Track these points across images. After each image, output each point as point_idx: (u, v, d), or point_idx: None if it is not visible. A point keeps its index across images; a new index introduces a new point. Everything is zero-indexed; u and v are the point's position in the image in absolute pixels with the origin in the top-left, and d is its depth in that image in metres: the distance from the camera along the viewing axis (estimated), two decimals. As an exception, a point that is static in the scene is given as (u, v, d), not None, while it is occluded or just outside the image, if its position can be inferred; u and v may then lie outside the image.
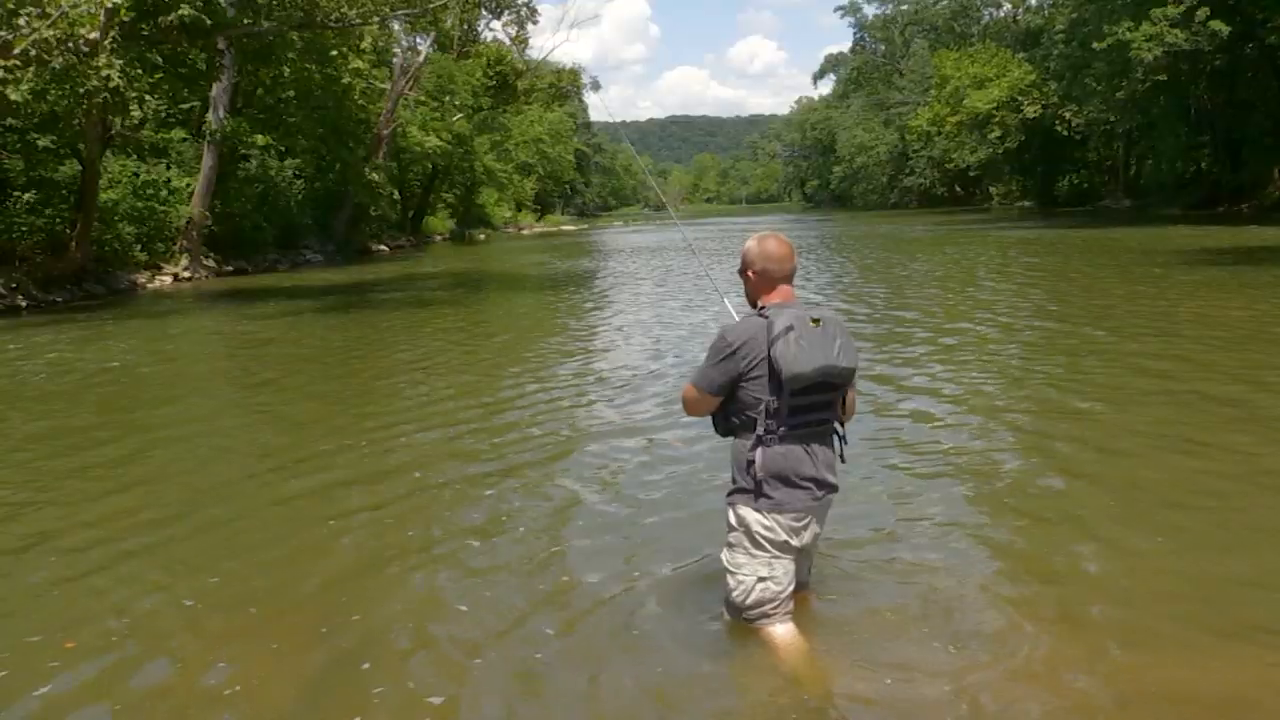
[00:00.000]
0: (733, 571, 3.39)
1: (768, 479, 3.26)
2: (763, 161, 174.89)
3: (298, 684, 3.39)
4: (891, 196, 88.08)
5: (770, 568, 3.34)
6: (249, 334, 14.01)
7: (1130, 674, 3.26)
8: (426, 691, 3.30)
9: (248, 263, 28.02)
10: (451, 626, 3.78)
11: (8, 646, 3.76)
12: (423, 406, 8.09)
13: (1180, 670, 3.28)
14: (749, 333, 3.25)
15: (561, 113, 69.60)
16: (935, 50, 74.42)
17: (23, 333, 14.49)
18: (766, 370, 3.21)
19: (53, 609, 4.15)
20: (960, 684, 3.19)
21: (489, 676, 3.40)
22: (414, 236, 45.75)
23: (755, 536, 3.32)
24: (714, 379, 3.30)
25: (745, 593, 3.37)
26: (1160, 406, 6.87)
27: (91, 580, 4.43)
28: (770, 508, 3.28)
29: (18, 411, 8.68)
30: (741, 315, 3.45)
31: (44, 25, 15.88)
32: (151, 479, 6.21)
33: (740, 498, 3.34)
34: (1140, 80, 38.38)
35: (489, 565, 4.40)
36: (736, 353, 3.23)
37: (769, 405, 3.22)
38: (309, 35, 22.83)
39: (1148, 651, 3.40)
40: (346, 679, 3.40)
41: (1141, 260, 19.22)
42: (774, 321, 3.20)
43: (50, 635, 3.84)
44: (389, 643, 3.68)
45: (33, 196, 20.45)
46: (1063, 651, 3.40)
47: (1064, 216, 44.73)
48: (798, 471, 3.27)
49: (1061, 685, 3.19)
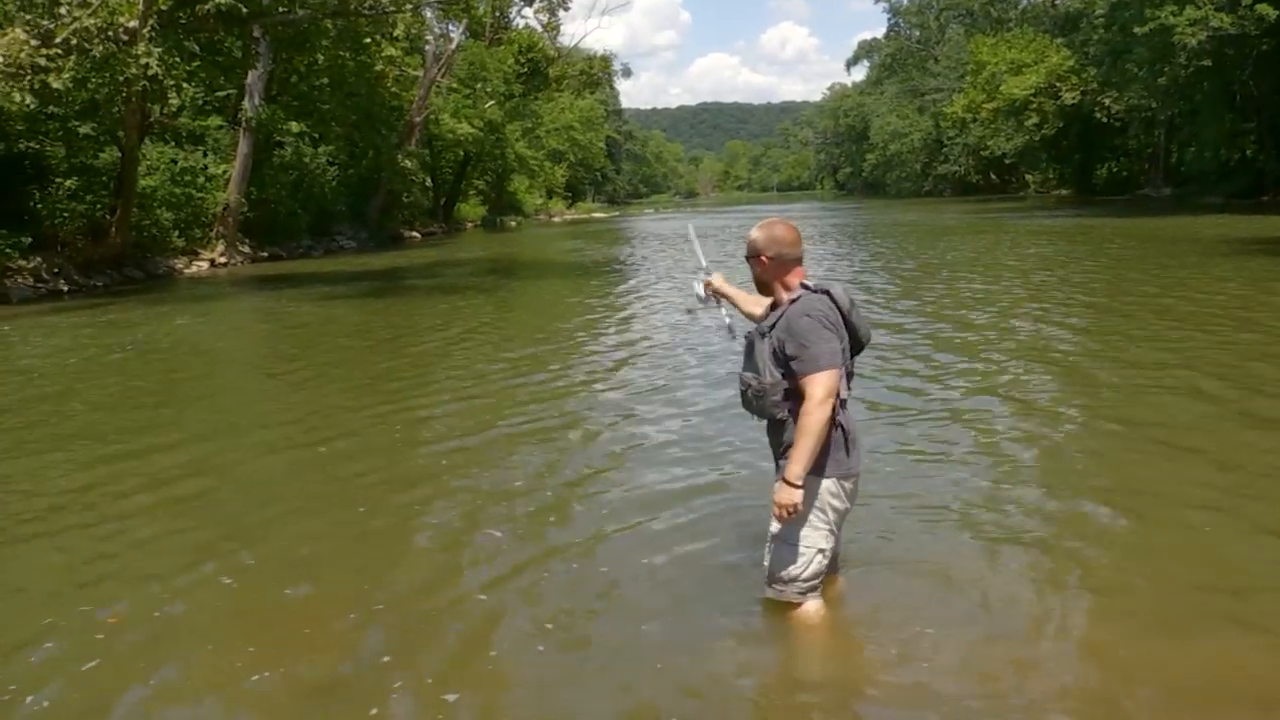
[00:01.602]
0: (792, 544, 3.41)
1: (851, 443, 3.37)
2: (794, 149, 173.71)
3: (328, 668, 3.46)
4: (925, 184, 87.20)
5: (828, 540, 3.43)
6: (290, 316, 14.23)
7: (1159, 665, 3.25)
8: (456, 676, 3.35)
9: (282, 249, 28.33)
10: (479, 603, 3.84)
11: (58, 619, 3.88)
12: (462, 387, 8.19)
13: (1214, 664, 3.26)
14: (823, 307, 3.29)
15: (592, 100, 69.59)
16: (971, 36, 73.47)
17: (67, 315, 14.75)
18: (847, 338, 3.33)
19: (99, 583, 4.27)
20: (982, 667, 3.21)
21: (514, 649, 3.44)
22: (446, 223, 45.98)
23: (827, 507, 3.37)
24: (836, 350, 3.25)
25: (805, 565, 3.42)
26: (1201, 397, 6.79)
27: (135, 555, 4.55)
28: (845, 472, 3.36)
29: (86, 384, 8.85)
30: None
31: (85, 14, 16.11)
32: (198, 461, 6.31)
33: (814, 470, 3.30)
34: (1183, 65, 37.66)
35: (526, 533, 4.46)
36: (835, 325, 3.28)
37: (849, 370, 3.37)
38: (343, 23, 22.94)
39: (1178, 641, 3.38)
40: (372, 667, 3.47)
41: (1208, 250, 18.91)
42: (835, 294, 3.33)
43: (95, 609, 3.94)
44: (422, 627, 3.74)
45: (74, 183, 20.78)
46: (1089, 639, 3.40)
47: (1103, 205, 44.09)
48: (857, 430, 3.46)
49: (1086, 674, 3.19)
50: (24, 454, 6.65)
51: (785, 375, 3.29)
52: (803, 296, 3.32)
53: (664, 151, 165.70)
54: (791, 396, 3.30)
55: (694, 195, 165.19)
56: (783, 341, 3.28)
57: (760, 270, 3.46)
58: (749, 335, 3.50)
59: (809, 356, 3.21)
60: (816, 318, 3.24)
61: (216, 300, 17.53)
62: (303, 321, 13.65)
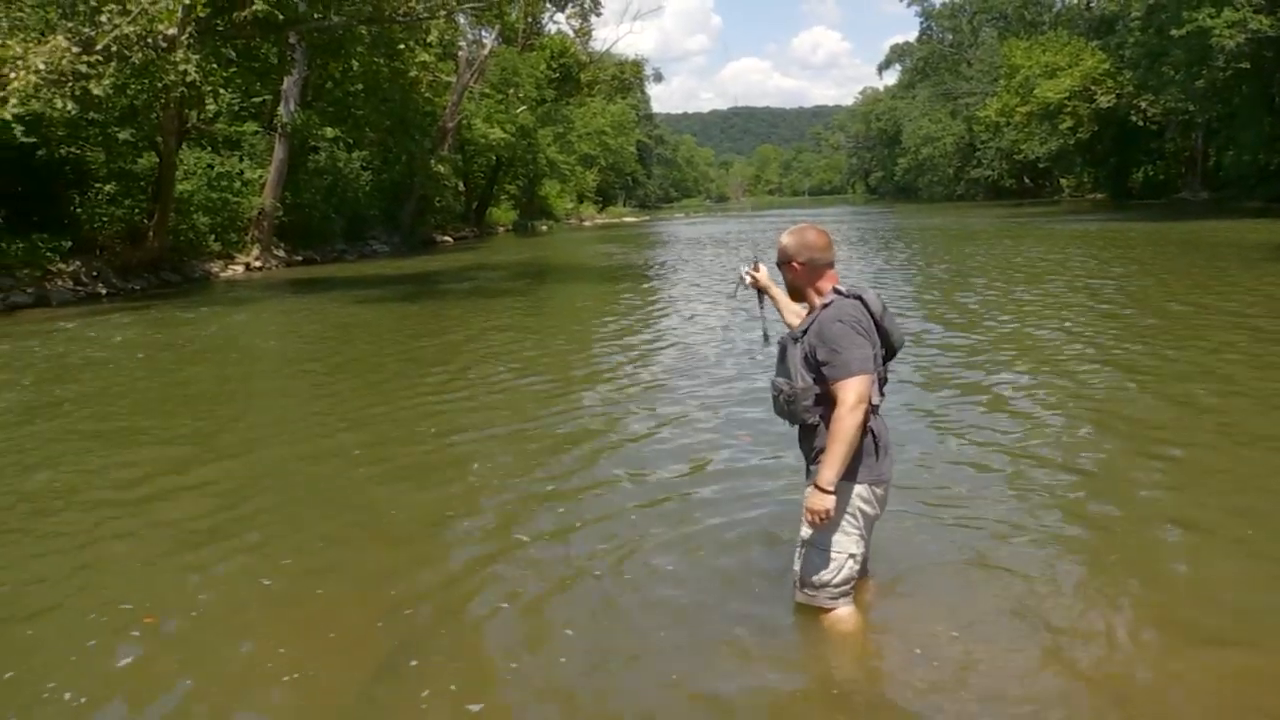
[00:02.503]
0: (824, 549, 3.41)
1: (882, 449, 3.36)
2: (826, 153, 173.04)
3: (356, 673, 3.50)
4: (958, 188, 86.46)
5: (859, 545, 3.43)
6: (328, 318, 14.42)
7: (1201, 674, 3.22)
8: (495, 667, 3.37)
9: (316, 253, 28.64)
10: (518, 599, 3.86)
11: (99, 616, 3.96)
12: (496, 390, 8.26)
13: (1252, 678, 3.22)
14: (856, 312, 3.29)
15: (624, 104, 69.71)
16: (1005, 39, 72.77)
17: (110, 317, 14.99)
18: (879, 344, 3.33)
19: (141, 581, 4.35)
20: (1014, 674, 3.19)
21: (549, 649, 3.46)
22: (477, 228, 46.24)
23: (858, 512, 3.37)
24: (868, 356, 3.24)
25: (837, 570, 3.42)
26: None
27: (182, 556, 4.64)
28: (876, 478, 3.36)
29: (143, 382, 9.01)
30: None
31: (125, 22, 16.38)
32: (240, 456, 6.41)
33: (845, 476, 3.29)
34: (1221, 68, 37.10)
35: (556, 528, 4.49)
36: (868, 330, 3.28)
37: (882, 376, 3.36)
38: (377, 29, 23.18)
39: (1219, 650, 3.34)
40: (407, 665, 3.50)
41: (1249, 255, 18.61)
42: (868, 299, 3.32)
43: (137, 607, 4.03)
44: (450, 628, 3.77)
45: (113, 188, 21.15)
46: (1133, 650, 3.37)
47: (1140, 209, 43.46)
48: (888, 436, 3.44)
49: (1123, 684, 3.17)
50: (107, 444, 6.78)
51: (816, 380, 3.29)
52: (835, 301, 3.32)
53: (695, 156, 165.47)
54: (823, 402, 3.30)
55: (725, 200, 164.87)
56: (814, 347, 3.27)
57: (792, 276, 3.47)
58: (782, 340, 3.50)
59: (840, 362, 3.20)
60: (848, 323, 3.24)
61: (254, 303, 17.74)
62: (341, 323, 13.83)
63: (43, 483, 5.99)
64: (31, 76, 15.16)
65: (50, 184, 19.09)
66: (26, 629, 3.89)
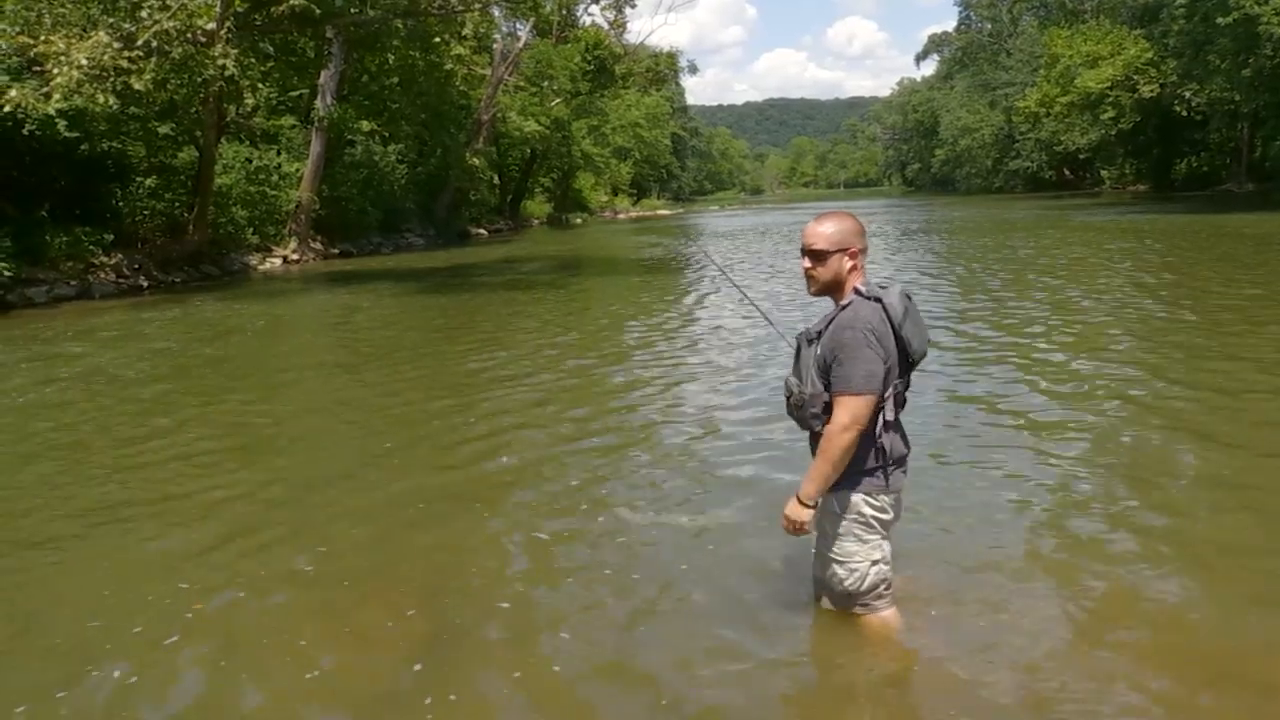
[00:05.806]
0: (842, 561, 3.31)
1: (892, 463, 3.22)
2: (862, 145, 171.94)
3: (393, 664, 3.50)
4: (996, 180, 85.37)
5: (881, 550, 3.31)
6: (370, 310, 14.55)
7: (1239, 671, 3.13)
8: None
9: (352, 245, 28.88)
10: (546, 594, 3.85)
11: (148, 605, 4.02)
12: (535, 385, 8.24)
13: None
14: (874, 318, 3.10)
15: (658, 96, 69.58)
16: (1045, 28, 71.72)
17: (162, 309, 15.20)
18: (896, 354, 3.12)
19: (187, 571, 4.38)
20: (1044, 670, 3.13)
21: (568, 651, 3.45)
22: (512, 220, 46.43)
23: (868, 521, 3.25)
24: (875, 374, 3.06)
25: (860, 579, 3.31)
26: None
27: (222, 546, 4.68)
28: (880, 490, 3.22)
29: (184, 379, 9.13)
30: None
31: (165, 17, 16.58)
32: (282, 446, 6.45)
33: (846, 484, 3.22)
34: (1269, 56, 36.34)
35: (577, 528, 4.47)
36: (881, 340, 3.08)
37: (897, 388, 3.16)
38: (413, 22, 23.30)
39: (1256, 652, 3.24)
40: (445, 660, 3.50)
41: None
42: (888, 303, 3.11)
43: (183, 598, 4.07)
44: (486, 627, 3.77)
45: (154, 182, 21.44)
46: (1158, 646, 3.29)
47: (1184, 200, 42.62)
48: (902, 451, 3.28)
49: (1151, 682, 3.09)
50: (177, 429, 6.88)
51: (827, 387, 3.15)
52: (853, 304, 3.14)
53: (729, 148, 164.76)
54: (830, 411, 3.15)
55: (760, 192, 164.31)
56: (826, 353, 3.14)
57: (819, 268, 3.22)
58: (798, 339, 3.32)
59: (842, 375, 3.07)
60: (860, 330, 3.06)
61: (295, 295, 17.92)
62: (381, 316, 13.96)
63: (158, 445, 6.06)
64: (74, 72, 15.38)
65: (92, 178, 19.37)
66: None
